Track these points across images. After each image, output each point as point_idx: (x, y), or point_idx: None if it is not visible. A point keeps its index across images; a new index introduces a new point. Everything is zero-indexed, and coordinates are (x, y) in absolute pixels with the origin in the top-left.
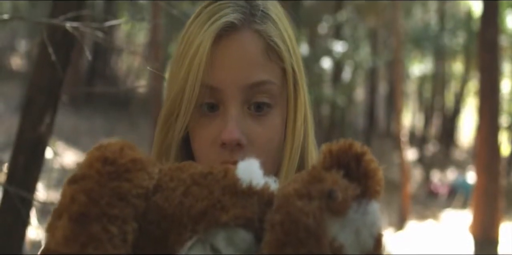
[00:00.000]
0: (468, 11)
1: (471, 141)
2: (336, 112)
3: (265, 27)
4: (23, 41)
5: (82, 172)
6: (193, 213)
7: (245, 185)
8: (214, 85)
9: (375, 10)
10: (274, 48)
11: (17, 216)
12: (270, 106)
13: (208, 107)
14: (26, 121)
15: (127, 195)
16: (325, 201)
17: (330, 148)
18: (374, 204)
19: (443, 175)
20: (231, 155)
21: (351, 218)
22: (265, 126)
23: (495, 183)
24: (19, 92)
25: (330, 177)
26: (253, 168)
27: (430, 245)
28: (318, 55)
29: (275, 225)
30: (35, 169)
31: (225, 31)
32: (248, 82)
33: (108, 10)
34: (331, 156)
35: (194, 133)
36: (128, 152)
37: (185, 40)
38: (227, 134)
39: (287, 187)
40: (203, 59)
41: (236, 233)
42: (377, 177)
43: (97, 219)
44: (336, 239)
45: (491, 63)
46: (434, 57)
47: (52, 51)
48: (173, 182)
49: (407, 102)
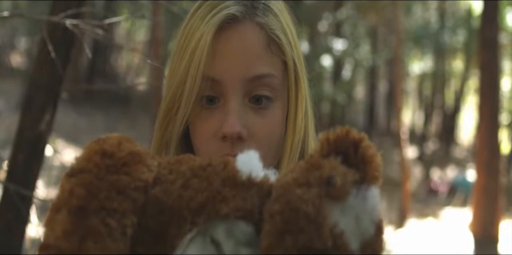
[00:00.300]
0: (468, 9)
1: (471, 139)
2: (336, 110)
3: (266, 20)
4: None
5: (81, 165)
6: (192, 206)
7: (245, 177)
8: (215, 77)
9: (375, 8)
10: (275, 41)
11: (17, 213)
12: (271, 100)
13: (207, 100)
14: (26, 118)
15: (126, 188)
16: (324, 188)
17: (327, 136)
18: (373, 189)
19: (443, 173)
20: (232, 148)
21: (351, 204)
22: (266, 120)
23: (495, 181)
24: (19, 90)
25: (328, 163)
26: (252, 160)
27: (430, 243)
28: (318, 53)
29: (274, 215)
30: (35, 167)
31: (226, 23)
32: (250, 75)
33: (108, 8)
34: (328, 143)
35: (194, 126)
36: (127, 145)
37: (186, 33)
38: (228, 127)
39: (285, 176)
40: (204, 52)
41: (236, 225)
42: (375, 163)
43: (96, 212)
44: (337, 225)
45: (491, 61)
46: (434, 55)
47: (52, 49)
48: (172, 174)
49: (407, 100)
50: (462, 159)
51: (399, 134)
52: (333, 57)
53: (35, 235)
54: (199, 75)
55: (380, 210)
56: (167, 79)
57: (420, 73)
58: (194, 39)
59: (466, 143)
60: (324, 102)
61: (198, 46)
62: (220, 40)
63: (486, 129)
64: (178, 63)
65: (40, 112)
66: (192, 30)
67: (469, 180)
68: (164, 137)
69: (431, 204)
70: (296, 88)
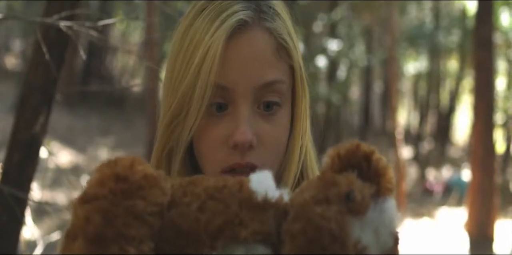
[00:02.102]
0: (463, 9)
1: (466, 139)
2: (331, 110)
3: (275, 25)
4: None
5: (94, 190)
6: (210, 229)
7: (261, 198)
8: (226, 85)
9: (370, 8)
10: (283, 45)
11: (12, 215)
12: (279, 105)
13: (217, 107)
14: (20, 120)
15: (143, 213)
16: (344, 204)
17: (337, 151)
18: (390, 201)
19: (438, 173)
20: (242, 156)
21: (370, 218)
22: (274, 126)
23: (490, 180)
24: (14, 92)
25: (344, 179)
26: (266, 179)
27: (426, 243)
28: (313, 53)
29: (296, 234)
30: (29, 168)
31: (237, 29)
32: (261, 82)
33: (103, 9)
34: (339, 158)
35: (200, 133)
36: (139, 167)
37: (191, 37)
38: (240, 136)
39: (300, 195)
40: (216, 59)
41: (255, 249)
42: (388, 175)
43: (114, 240)
44: (360, 241)
45: (486, 61)
46: (429, 55)
47: (46, 51)
48: (187, 197)
49: (402, 100)
50: (457, 158)
51: (394, 133)
52: (328, 58)
53: (30, 237)
54: (210, 82)
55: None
56: (166, 83)
57: (415, 73)
58: (204, 44)
59: (461, 142)
60: (320, 103)
61: (208, 52)
62: (230, 46)
63: (481, 128)
64: (185, 67)
65: (35, 114)
66: (199, 34)
67: (464, 180)
68: (168, 143)
69: (427, 203)
70: (303, 93)
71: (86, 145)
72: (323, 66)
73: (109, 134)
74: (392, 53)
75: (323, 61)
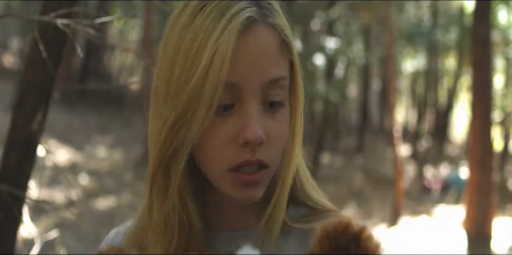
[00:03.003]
0: (460, 7)
1: (464, 136)
2: (329, 108)
3: (277, 21)
4: (16, 39)
5: None
6: None
7: None
8: (234, 82)
9: (368, 7)
10: (286, 41)
11: (9, 214)
12: (282, 102)
13: (222, 108)
14: (18, 119)
15: None
16: None
17: (326, 231)
18: None
19: (436, 171)
20: (252, 153)
21: None
22: (279, 122)
23: (488, 178)
24: (12, 90)
25: None
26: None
27: (424, 241)
28: (311, 51)
29: None
30: (27, 167)
31: (246, 27)
32: (268, 78)
33: (101, 7)
34: (329, 239)
35: (204, 133)
36: None
37: (191, 37)
38: (251, 132)
39: None
40: (226, 57)
41: None
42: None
43: None
44: None
45: (483, 59)
46: (427, 53)
47: (44, 49)
48: None
49: (400, 98)
50: (455, 156)
51: (392, 131)
52: (326, 56)
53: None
54: (221, 81)
55: None
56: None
57: (413, 71)
58: (211, 43)
59: (459, 140)
60: (317, 101)
61: (218, 51)
62: (238, 44)
63: (479, 126)
64: (189, 67)
65: (32, 112)
66: (203, 32)
67: (462, 178)
68: (173, 143)
69: (425, 201)
70: (300, 88)
71: (84, 143)
72: (321, 64)
73: (107, 132)
74: (390, 51)
75: (321, 59)
